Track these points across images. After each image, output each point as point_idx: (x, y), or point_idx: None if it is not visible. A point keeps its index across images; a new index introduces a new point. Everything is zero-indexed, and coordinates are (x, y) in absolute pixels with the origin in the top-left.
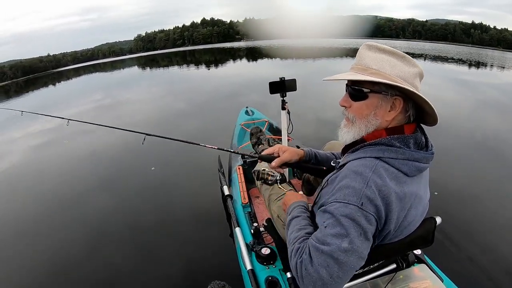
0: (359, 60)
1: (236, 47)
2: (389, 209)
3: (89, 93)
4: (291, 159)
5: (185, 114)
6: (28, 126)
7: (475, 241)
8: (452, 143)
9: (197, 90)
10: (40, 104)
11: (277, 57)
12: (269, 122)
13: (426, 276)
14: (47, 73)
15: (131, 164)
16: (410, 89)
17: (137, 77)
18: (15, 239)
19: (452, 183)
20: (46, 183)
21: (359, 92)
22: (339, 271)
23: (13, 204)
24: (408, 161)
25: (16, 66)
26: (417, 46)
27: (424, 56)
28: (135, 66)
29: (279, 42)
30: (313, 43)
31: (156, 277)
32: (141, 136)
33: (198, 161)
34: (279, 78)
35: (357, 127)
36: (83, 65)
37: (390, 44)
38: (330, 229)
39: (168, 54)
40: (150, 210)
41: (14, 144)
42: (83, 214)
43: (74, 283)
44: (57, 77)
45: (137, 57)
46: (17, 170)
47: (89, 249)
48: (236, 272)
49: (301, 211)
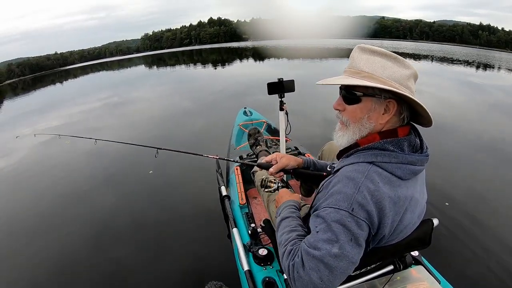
0: (352, 63)
1: (243, 46)
2: (382, 214)
3: (96, 92)
4: (288, 163)
5: (190, 113)
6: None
7: (472, 242)
8: (456, 145)
9: (203, 89)
10: (47, 102)
11: (284, 57)
12: (267, 122)
13: (423, 277)
14: (54, 71)
15: (132, 167)
16: (402, 92)
17: (144, 76)
18: (30, 236)
19: (452, 184)
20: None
21: (352, 95)
22: (330, 275)
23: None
24: (402, 165)
25: (24, 63)
26: (424, 47)
27: (431, 58)
28: (142, 65)
29: (285, 42)
30: (318, 43)
31: (154, 277)
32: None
33: (197, 162)
34: (277, 79)
35: (351, 131)
36: (90, 64)
37: (397, 45)
38: (322, 234)
39: (175, 53)
40: (149, 210)
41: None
42: (88, 212)
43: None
44: (64, 75)
45: (144, 56)
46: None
47: (91, 247)
48: (233, 272)
49: (291, 211)
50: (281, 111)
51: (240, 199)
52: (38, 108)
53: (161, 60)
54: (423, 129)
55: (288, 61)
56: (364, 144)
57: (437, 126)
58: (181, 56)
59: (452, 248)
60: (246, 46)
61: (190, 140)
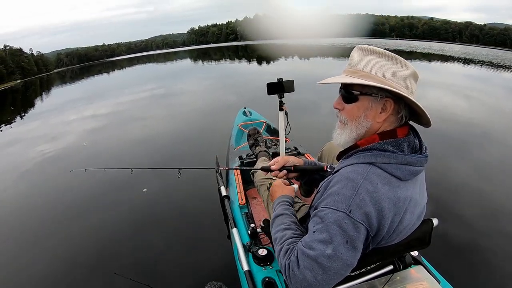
0: (351, 63)
1: (290, 44)
2: (381, 215)
3: (141, 84)
4: (288, 160)
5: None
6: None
7: (472, 242)
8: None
9: (248, 83)
10: (96, 92)
11: (330, 56)
12: (267, 123)
13: (423, 277)
14: (101, 61)
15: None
16: (397, 91)
17: (189, 69)
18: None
19: (453, 184)
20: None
21: (350, 94)
22: (323, 275)
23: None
24: (401, 165)
25: (72, 54)
26: (474, 50)
27: (480, 62)
28: (188, 58)
29: (337, 41)
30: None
31: (153, 277)
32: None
33: (195, 163)
34: (277, 79)
35: (348, 129)
36: (137, 56)
37: (446, 48)
38: (318, 235)
39: (220, 48)
40: (148, 210)
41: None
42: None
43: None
44: (111, 66)
45: (190, 50)
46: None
47: (90, 247)
48: (233, 273)
49: (285, 208)
50: (280, 111)
51: (240, 199)
52: (87, 96)
53: (206, 55)
54: (455, 132)
55: (335, 60)
56: (364, 145)
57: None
58: (226, 51)
59: (452, 248)
60: (292, 43)
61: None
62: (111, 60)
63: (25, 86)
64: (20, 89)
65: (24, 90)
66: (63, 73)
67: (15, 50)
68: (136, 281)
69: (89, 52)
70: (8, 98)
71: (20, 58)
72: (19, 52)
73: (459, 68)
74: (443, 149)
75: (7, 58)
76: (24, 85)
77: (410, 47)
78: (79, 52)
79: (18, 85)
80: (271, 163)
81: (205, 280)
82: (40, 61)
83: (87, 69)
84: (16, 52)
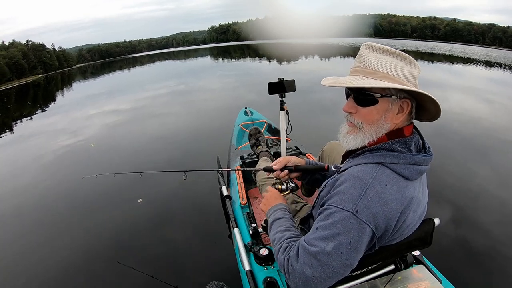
0: (363, 62)
1: (309, 43)
2: (389, 216)
3: (160, 81)
4: (289, 160)
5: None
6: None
7: (474, 242)
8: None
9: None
10: (115, 87)
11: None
12: (268, 122)
13: (425, 277)
14: (122, 57)
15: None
16: (422, 91)
17: (209, 67)
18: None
19: (471, 188)
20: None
21: (368, 97)
22: (322, 272)
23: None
24: (410, 165)
25: (94, 49)
26: (497, 53)
27: (504, 66)
28: (208, 56)
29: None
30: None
31: (154, 278)
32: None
33: (196, 163)
34: (278, 79)
35: (365, 133)
36: (157, 52)
37: (469, 50)
38: (321, 232)
39: (240, 46)
40: (148, 210)
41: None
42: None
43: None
44: (132, 62)
45: (210, 47)
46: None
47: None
48: (234, 272)
49: (284, 213)
50: (281, 111)
51: (241, 199)
52: (107, 91)
53: (226, 52)
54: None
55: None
56: (372, 145)
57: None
58: (246, 50)
59: (454, 247)
60: (311, 43)
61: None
62: (132, 56)
63: (46, 81)
64: (42, 83)
65: (45, 85)
66: (85, 68)
67: (37, 45)
68: (136, 280)
69: (111, 48)
70: (29, 92)
71: (42, 53)
72: (41, 47)
73: (481, 71)
74: (463, 152)
75: (29, 53)
76: (45, 79)
77: (429, 47)
78: (101, 48)
79: (40, 79)
80: (273, 163)
81: (206, 280)
82: (62, 56)
83: (108, 64)
84: (38, 47)
